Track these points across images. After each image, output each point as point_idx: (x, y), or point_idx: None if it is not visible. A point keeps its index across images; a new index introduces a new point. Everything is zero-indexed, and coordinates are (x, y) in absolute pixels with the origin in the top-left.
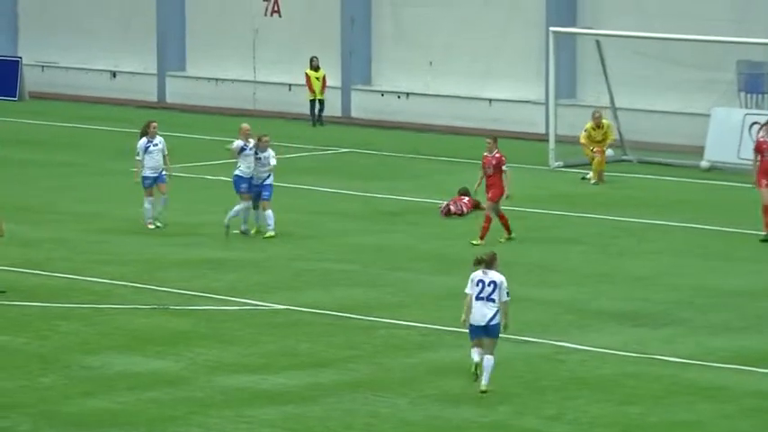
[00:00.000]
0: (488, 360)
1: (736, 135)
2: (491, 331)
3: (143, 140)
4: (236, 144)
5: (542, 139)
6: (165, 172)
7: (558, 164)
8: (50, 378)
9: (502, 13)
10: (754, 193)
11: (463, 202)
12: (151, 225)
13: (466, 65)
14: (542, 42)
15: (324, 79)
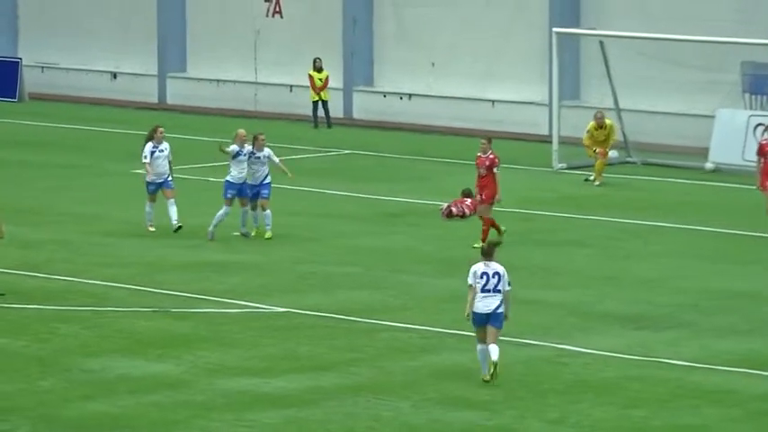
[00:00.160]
0: (494, 348)
1: (741, 136)
2: (494, 319)
3: (149, 145)
4: (231, 148)
5: (546, 140)
6: (170, 178)
7: (562, 165)
8: (50, 381)
9: (505, 14)
10: (760, 195)
11: (465, 204)
12: (152, 228)
13: (468, 66)
14: (546, 43)
15: (326, 80)
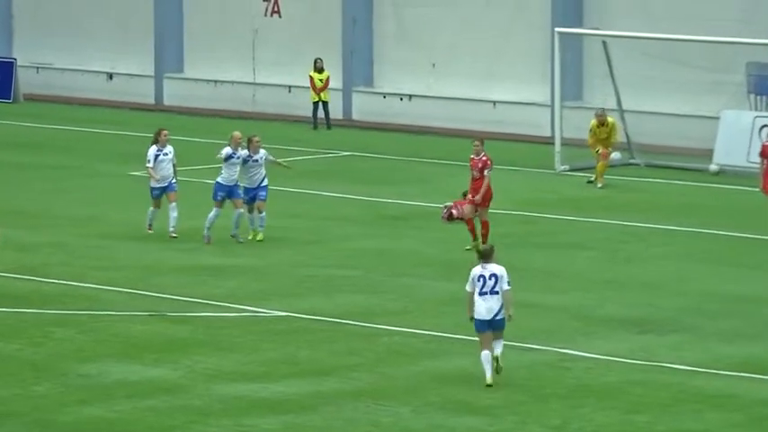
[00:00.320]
0: (498, 342)
1: (746, 138)
2: (496, 325)
3: (153, 148)
4: (224, 151)
5: (548, 141)
6: (174, 181)
7: (564, 167)
8: (45, 386)
9: (506, 14)
10: (764, 198)
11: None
12: (151, 231)
13: (469, 66)
14: (548, 43)
15: (327, 81)
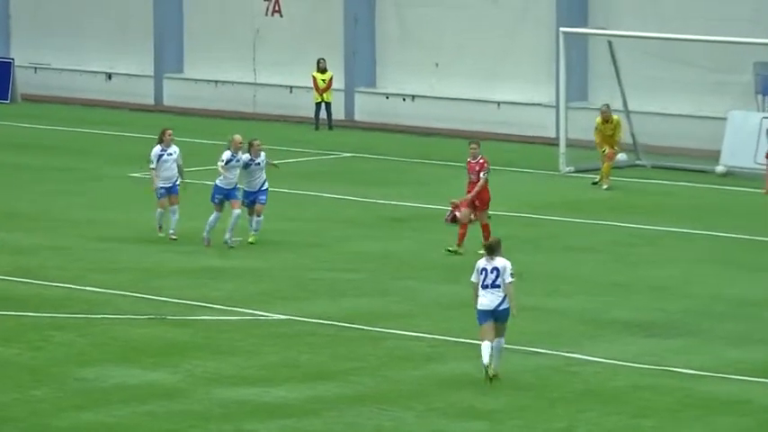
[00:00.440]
0: (498, 342)
1: (753, 139)
2: (499, 316)
3: (157, 148)
4: (224, 156)
5: (553, 143)
6: (178, 182)
7: (569, 169)
8: (43, 390)
9: (511, 13)
10: None
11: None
12: (162, 233)
13: (473, 66)
14: (552, 43)
15: (330, 81)
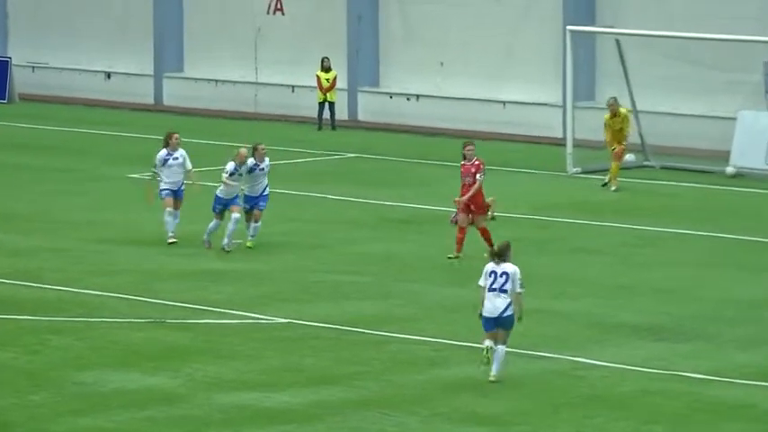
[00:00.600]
0: (501, 349)
1: (764, 139)
2: (503, 323)
3: (162, 152)
4: (228, 167)
5: (559, 143)
6: (183, 186)
7: (577, 170)
8: (41, 395)
9: (516, 11)
10: None
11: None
12: (171, 240)
13: (478, 65)
14: (559, 41)
15: (334, 80)
